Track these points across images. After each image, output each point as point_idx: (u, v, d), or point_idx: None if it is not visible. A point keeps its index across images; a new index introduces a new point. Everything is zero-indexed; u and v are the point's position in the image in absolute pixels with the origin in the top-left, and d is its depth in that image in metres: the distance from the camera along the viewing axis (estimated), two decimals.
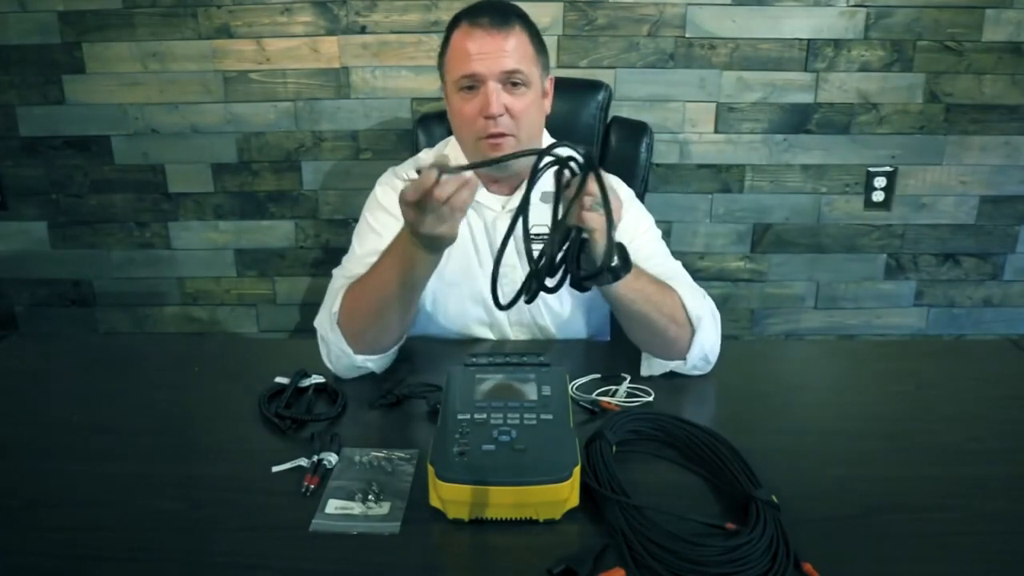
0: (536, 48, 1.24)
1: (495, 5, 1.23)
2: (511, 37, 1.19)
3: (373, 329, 1.12)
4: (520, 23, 1.22)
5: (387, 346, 1.15)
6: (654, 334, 1.13)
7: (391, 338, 1.15)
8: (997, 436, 1.03)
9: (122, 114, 1.97)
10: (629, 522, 0.79)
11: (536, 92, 1.24)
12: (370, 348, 1.13)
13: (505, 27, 1.19)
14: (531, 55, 1.22)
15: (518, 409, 0.92)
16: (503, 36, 1.19)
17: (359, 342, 1.12)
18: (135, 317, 2.16)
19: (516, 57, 1.19)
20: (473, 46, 1.18)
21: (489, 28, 1.18)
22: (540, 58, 1.25)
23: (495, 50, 1.18)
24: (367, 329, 1.12)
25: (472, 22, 1.20)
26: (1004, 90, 1.95)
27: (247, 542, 0.82)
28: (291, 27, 1.90)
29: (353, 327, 1.11)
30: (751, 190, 2.04)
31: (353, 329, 1.11)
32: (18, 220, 2.07)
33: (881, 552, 0.80)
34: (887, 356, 1.39)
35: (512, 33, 1.20)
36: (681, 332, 1.13)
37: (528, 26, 1.24)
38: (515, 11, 1.24)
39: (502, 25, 1.19)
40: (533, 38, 1.24)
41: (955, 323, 2.17)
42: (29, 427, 1.05)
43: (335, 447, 0.96)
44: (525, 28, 1.23)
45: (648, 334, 1.14)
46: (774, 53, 1.92)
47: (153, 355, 1.34)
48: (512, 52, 1.19)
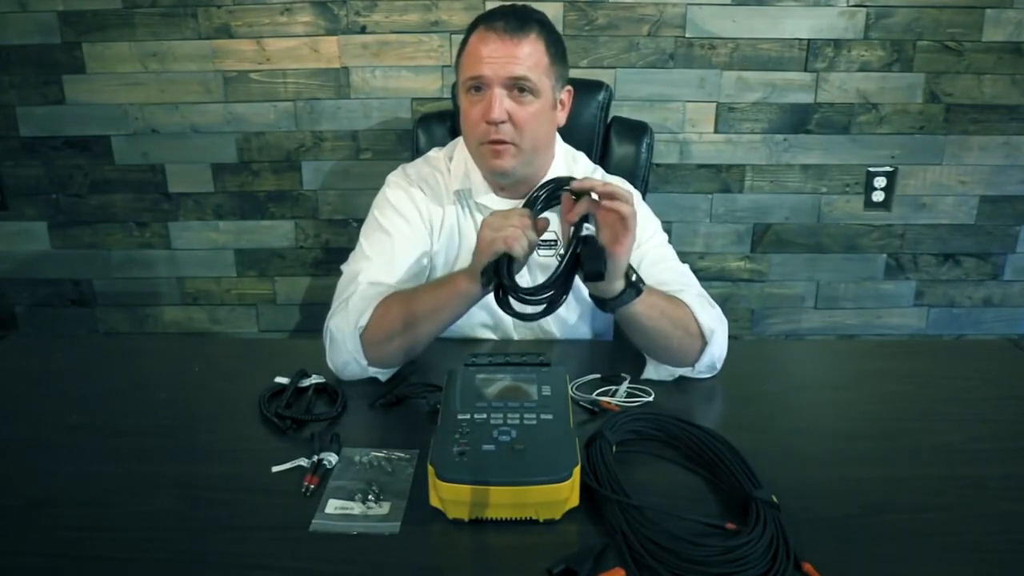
0: (552, 58, 1.22)
1: (517, 10, 1.22)
2: (525, 44, 1.18)
3: (399, 352, 1.13)
4: (539, 31, 1.20)
5: (401, 363, 1.16)
6: (667, 347, 1.13)
7: (409, 358, 1.16)
8: (997, 436, 1.03)
9: (122, 114, 1.97)
10: (629, 522, 0.79)
11: (545, 102, 1.22)
12: (386, 364, 1.14)
13: (520, 33, 1.18)
14: (544, 64, 1.21)
15: (518, 409, 0.92)
16: (515, 42, 1.17)
17: (379, 358, 1.13)
18: (135, 317, 2.16)
19: (526, 64, 1.18)
20: (485, 49, 1.18)
21: (503, 33, 1.17)
22: (555, 68, 1.23)
23: (505, 55, 1.17)
24: (393, 351, 1.13)
25: (489, 25, 1.19)
26: (1004, 90, 1.95)
27: (247, 542, 0.82)
28: (291, 27, 1.90)
29: (379, 346, 1.12)
30: (751, 190, 2.04)
31: (379, 347, 1.12)
32: (18, 220, 2.07)
33: (881, 552, 0.80)
34: (887, 356, 1.39)
35: (526, 40, 1.18)
36: (693, 343, 1.13)
37: (548, 34, 1.22)
38: (536, 17, 1.22)
39: (517, 31, 1.18)
40: (551, 47, 1.22)
41: (955, 323, 2.17)
42: (29, 427, 1.05)
43: (335, 447, 0.96)
44: (543, 36, 1.21)
45: (660, 347, 1.14)
46: (774, 53, 1.92)
47: (153, 355, 1.34)
48: (523, 59, 1.17)
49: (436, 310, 1.11)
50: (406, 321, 1.11)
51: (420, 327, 1.11)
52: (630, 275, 1.06)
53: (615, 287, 1.05)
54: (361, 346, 1.11)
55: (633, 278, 1.07)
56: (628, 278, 1.06)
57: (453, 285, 1.10)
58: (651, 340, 1.13)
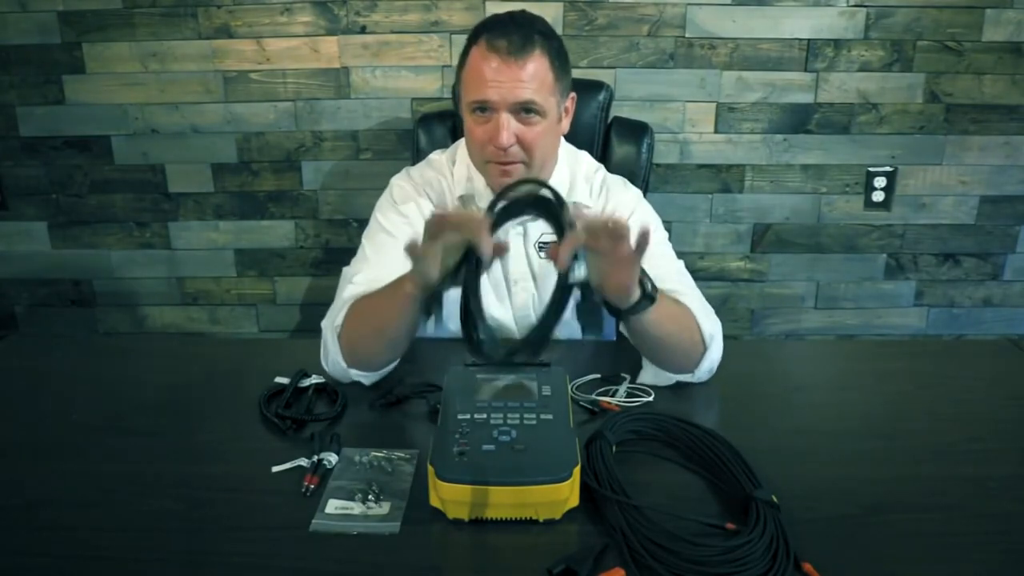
0: (556, 72, 1.20)
1: (519, 23, 1.18)
2: (529, 64, 1.15)
3: (367, 352, 1.11)
4: (541, 44, 1.17)
5: (378, 367, 1.14)
6: (672, 353, 1.12)
7: (382, 362, 1.13)
8: (997, 436, 1.03)
9: (122, 114, 1.97)
10: (629, 522, 0.79)
11: (551, 120, 1.21)
12: (362, 366, 1.13)
13: (523, 54, 1.15)
14: (549, 82, 1.18)
15: (518, 409, 0.92)
16: (520, 65, 1.15)
17: (353, 358, 1.12)
18: (135, 317, 2.16)
19: (532, 87, 1.16)
20: (489, 71, 1.15)
21: (507, 55, 1.15)
22: (559, 83, 1.21)
23: (510, 79, 1.15)
24: (361, 350, 1.11)
25: (491, 44, 1.16)
26: (1004, 90, 1.95)
27: (247, 542, 0.82)
28: (291, 27, 1.90)
29: (351, 344, 1.11)
30: (751, 190, 2.04)
31: (350, 346, 1.11)
32: (18, 220, 2.07)
33: (881, 552, 0.80)
34: (887, 356, 1.38)
35: (531, 59, 1.16)
36: (695, 349, 1.12)
37: (550, 46, 1.19)
38: (538, 29, 1.19)
39: (520, 51, 1.15)
40: (555, 60, 1.19)
41: (955, 323, 2.17)
42: (29, 427, 1.05)
43: (335, 447, 0.96)
44: (546, 50, 1.18)
45: (666, 353, 1.12)
46: (774, 53, 1.92)
47: (153, 355, 1.34)
48: (528, 82, 1.16)
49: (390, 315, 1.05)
50: (368, 323, 1.09)
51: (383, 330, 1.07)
52: (644, 284, 1.00)
53: (632, 298, 0.99)
54: (339, 346, 1.11)
55: (648, 287, 1.00)
56: (643, 287, 1.00)
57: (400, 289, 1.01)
58: (657, 346, 1.11)
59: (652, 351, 1.13)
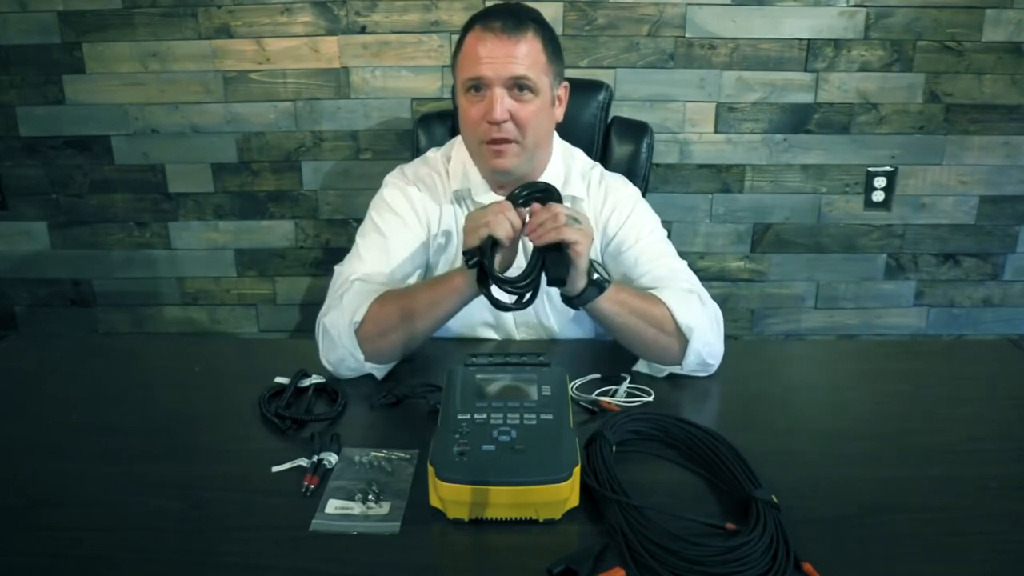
0: (549, 55, 1.23)
1: (511, 9, 1.23)
2: (522, 43, 1.19)
3: (396, 347, 1.14)
4: (535, 28, 1.21)
5: (398, 359, 1.17)
6: (644, 345, 1.15)
7: (401, 354, 1.17)
8: (997, 436, 1.03)
9: (122, 114, 1.97)
10: (629, 522, 0.79)
11: (544, 99, 1.23)
12: (383, 359, 1.15)
13: (517, 32, 1.18)
14: (542, 62, 1.21)
15: (518, 409, 0.92)
16: (514, 41, 1.18)
17: (374, 354, 1.13)
18: (135, 317, 2.16)
19: (525, 63, 1.18)
20: (483, 50, 1.18)
21: (500, 33, 1.18)
22: (553, 66, 1.24)
23: (504, 55, 1.18)
24: (389, 346, 1.14)
25: (485, 26, 1.19)
26: (1004, 90, 1.95)
27: (247, 542, 0.82)
28: (291, 27, 1.90)
29: (375, 341, 1.12)
30: (751, 190, 2.04)
31: (374, 343, 1.13)
32: (18, 220, 2.07)
33: (881, 552, 0.80)
34: (887, 356, 1.39)
35: (524, 39, 1.19)
36: (671, 341, 1.13)
37: (543, 32, 1.23)
38: (531, 15, 1.23)
39: (514, 30, 1.18)
40: (548, 45, 1.23)
41: (955, 323, 2.17)
42: (29, 427, 1.05)
43: (335, 447, 0.96)
44: (539, 34, 1.22)
45: (638, 345, 1.16)
46: (774, 53, 1.92)
47: (153, 355, 1.34)
48: (522, 58, 1.18)
49: (432, 306, 1.14)
50: (403, 317, 1.13)
51: (416, 323, 1.13)
52: (591, 273, 1.09)
53: (578, 286, 1.08)
54: (357, 341, 1.12)
55: (595, 276, 1.09)
56: (590, 276, 1.09)
57: (449, 281, 1.13)
58: (624, 337, 1.16)
59: (623, 341, 1.17)
